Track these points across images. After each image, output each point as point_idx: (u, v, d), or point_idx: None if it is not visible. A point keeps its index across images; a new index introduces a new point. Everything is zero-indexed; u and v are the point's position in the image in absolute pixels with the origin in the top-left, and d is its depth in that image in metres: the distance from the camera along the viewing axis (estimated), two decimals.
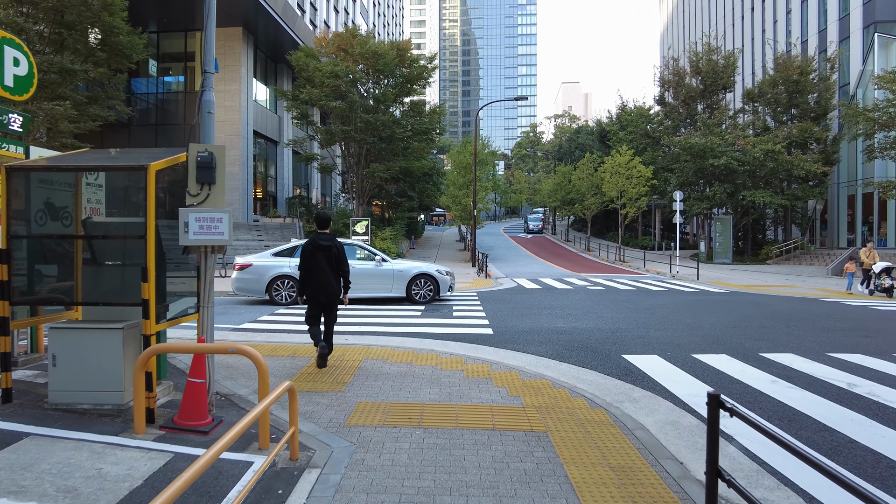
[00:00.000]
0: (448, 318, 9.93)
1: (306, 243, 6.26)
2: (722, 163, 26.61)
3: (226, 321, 9.36)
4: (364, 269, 11.86)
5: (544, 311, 11.00)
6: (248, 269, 11.68)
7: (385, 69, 26.30)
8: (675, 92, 34.72)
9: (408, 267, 12.25)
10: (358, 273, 11.51)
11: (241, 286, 11.75)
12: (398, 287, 11.99)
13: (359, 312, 10.66)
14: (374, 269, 11.94)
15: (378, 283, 11.92)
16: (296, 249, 11.66)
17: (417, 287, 12.09)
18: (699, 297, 14.25)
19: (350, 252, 11.77)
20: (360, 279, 11.55)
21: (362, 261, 12.06)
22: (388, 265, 12.03)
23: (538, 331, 8.78)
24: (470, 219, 29.51)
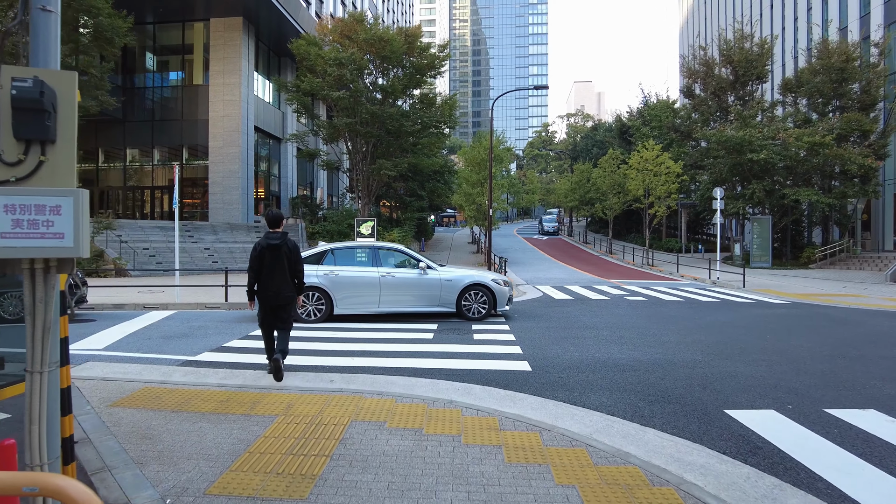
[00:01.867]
0: (468, 345, 7.77)
1: (256, 243, 5.92)
2: (762, 157, 24.23)
3: (183, 348, 7.29)
4: (405, 278, 9.87)
5: (588, 333, 8.81)
6: None
7: (393, 57, 24.23)
8: (703, 83, 32.33)
9: (457, 276, 10.15)
10: (398, 284, 9.79)
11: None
12: (446, 300, 9.96)
13: (354, 334, 8.54)
14: (418, 280, 9.90)
15: (422, 296, 9.90)
16: (324, 255, 9.89)
17: (469, 300, 10.03)
18: (764, 311, 11.97)
19: (386, 257, 10.08)
20: (400, 291, 9.82)
21: (402, 268, 10.04)
22: (434, 274, 10.00)
23: (591, 365, 6.60)
24: (484, 219, 27.35)
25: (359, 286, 9.60)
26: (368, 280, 9.61)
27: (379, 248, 10.07)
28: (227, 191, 29.72)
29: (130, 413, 4.52)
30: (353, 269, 9.72)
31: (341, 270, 9.63)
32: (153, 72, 32.00)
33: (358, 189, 28.07)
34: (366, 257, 9.88)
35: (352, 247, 10.20)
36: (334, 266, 9.68)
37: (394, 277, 9.71)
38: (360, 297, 9.61)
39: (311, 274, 9.47)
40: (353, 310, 9.70)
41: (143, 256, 22.26)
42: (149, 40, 32.02)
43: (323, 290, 9.50)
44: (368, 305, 9.67)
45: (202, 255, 24.33)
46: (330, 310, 9.49)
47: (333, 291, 9.47)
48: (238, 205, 29.64)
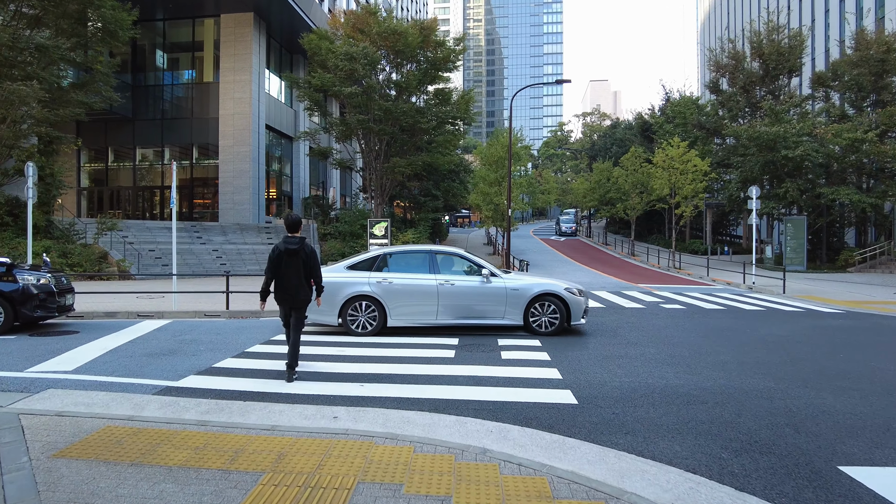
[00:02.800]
0: (496, 366, 6.70)
1: (275, 246, 6.02)
2: (798, 154, 22.80)
3: (167, 369, 6.30)
4: (466, 287, 8.81)
5: (633, 351, 7.69)
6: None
7: (407, 51, 23.22)
8: (731, 78, 30.92)
9: (525, 284, 8.95)
10: (458, 293, 8.76)
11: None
12: (513, 312, 8.77)
13: (365, 350, 7.52)
14: (480, 288, 8.78)
15: (485, 307, 8.79)
16: (377, 261, 8.97)
17: (537, 312, 8.80)
18: (820, 323, 10.74)
19: (445, 264, 9.11)
20: (461, 301, 8.76)
21: (463, 275, 8.97)
22: (498, 282, 8.85)
23: (647, 395, 5.49)
24: (502, 220, 26.25)
25: (414, 295, 8.69)
26: (425, 289, 8.68)
27: (437, 253, 9.14)
28: (237, 191, 28.97)
29: (77, 468, 3.53)
30: (409, 276, 8.80)
31: (395, 278, 8.73)
32: (163, 70, 31.38)
33: (371, 189, 27.12)
34: (423, 263, 9.00)
35: (407, 251, 9.38)
36: (388, 273, 8.81)
37: (453, 286, 8.70)
38: (415, 307, 8.72)
39: (362, 281, 8.66)
40: (409, 321, 8.75)
41: (149, 258, 21.51)
42: (158, 37, 31.43)
43: (375, 299, 8.59)
44: (425, 316, 8.74)
45: (210, 256, 23.54)
46: (383, 321, 8.62)
47: (387, 301, 8.60)
48: (249, 205, 28.88)
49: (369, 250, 9.74)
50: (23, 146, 18.69)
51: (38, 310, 8.52)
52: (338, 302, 8.55)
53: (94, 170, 32.42)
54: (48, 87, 17.25)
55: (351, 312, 8.63)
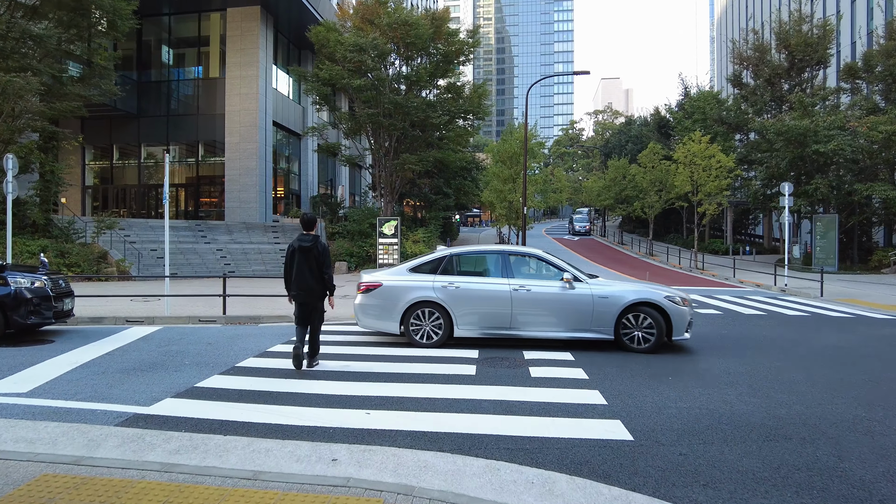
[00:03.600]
0: (526, 387, 5.71)
1: (290, 244, 6.23)
2: (830, 148, 21.56)
3: (141, 390, 5.39)
4: (544, 294, 7.59)
5: (681, 364, 6.66)
6: (374, 291, 7.82)
7: (418, 43, 22.27)
8: (755, 70, 29.66)
9: (616, 291, 7.61)
10: (535, 301, 7.58)
11: (364, 316, 7.94)
12: (600, 323, 7.47)
13: (373, 366, 6.58)
14: (561, 295, 7.55)
15: (566, 317, 7.53)
16: (442, 263, 7.94)
17: (630, 324, 7.45)
18: (878, 331, 9.65)
19: (520, 266, 8.00)
20: (538, 310, 7.59)
21: (541, 280, 7.78)
22: (583, 288, 7.59)
23: (716, 428, 4.49)
24: (516, 218, 25.23)
25: (484, 302, 7.64)
26: (496, 295, 7.61)
27: (511, 254, 8.01)
28: (244, 189, 28.19)
29: None
30: (478, 280, 7.80)
31: (463, 282, 7.72)
32: (168, 66, 30.70)
33: (380, 187, 26.22)
34: (494, 266, 7.95)
35: (476, 252, 8.32)
36: (454, 276, 7.80)
37: (529, 292, 7.56)
38: (486, 315, 7.66)
39: (426, 286, 7.69)
40: (477, 331, 7.68)
41: (151, 258, 20.76)
42: (164, 33, 30.75)
43: (440, 305, 7.61)
44: (497, 327, 7.65)
45: (214, 256, 22.77)
46: (449, 330, 7.65)
47: (453, 308, 7.61)
48: (255, 203, 28.10)
49: (437, 250, 8.47)
50: (21, 142, 17.99)
51: (31, 316, 7.68)
52: (399, 308, 7.64)
53: (99, 168, 31.83)
54: (46, 79, 16.50)
55: (414, 321, 7.68)
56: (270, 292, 12.89)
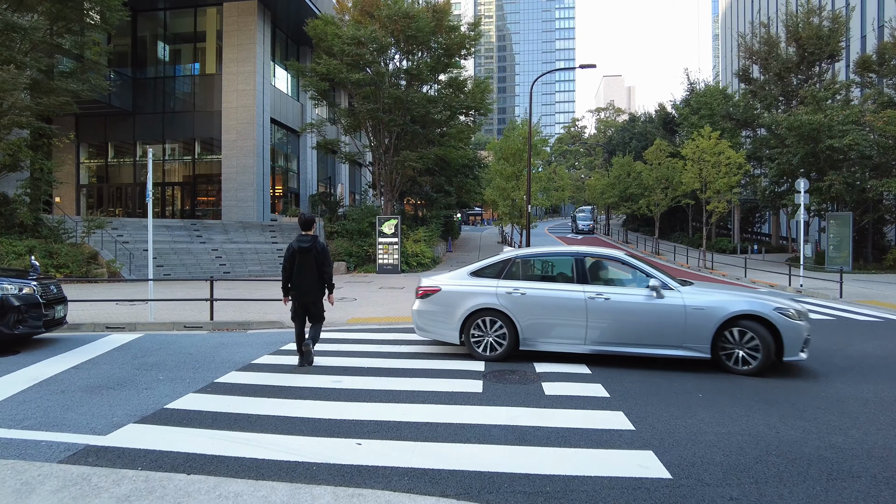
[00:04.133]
0: (540, 408, 5.04)
1: (289, 244, 6.36)
2: (846, 143, 20.85)
3: (101, 413, 4.74)
4: (626, 303, 6.54)
5: (709, 380, 6.00)
6: (432, 296, 7.11)
7: (419, 36, 21.60)
8: (764, 65, 28.92)
9: (715, 301, 6.39)
10: (615, 311, 6.55)
11: (422, 323, 7.23)
12: (694, 339, 6.31)
13: (363, 381, 5.92)
14: (647, 305, 6.47)
15: (653, 331, 6.44)
16: (506, 266, 7.09)
17: (731, 341, 6.27)
18: None
19: (599, 271, 7.10)
20: (619, 321, 6.54)
21: (620, 286, 6.76)
22: (672, 297, 6.45)
23: (765, 460, 3.83)
24: (520, 217, 24.56)
25: (554, 311, 6.71)
26: (569, 303, 6.64)
27: (586, 257, 6.99)
28: (241, 187, 27.55)
29: None
30: (548, 286, 6.87)
31: (530, 288, 6.83)
32: (164, 62, 30.06)
33: (380, 185, 25.56)
34: (566, 270, 7.03)
35: (546, 254, 7.47)
36: (520, 281, 6.94)
37: (608, 301, 6.54)
38: (556, 327, 6.73)
39: (488, 291, 6.85)
40: (547, 344, 6.75)
41: (143, 259, 20.11)
42: (159, 28, 30.11)
43: (504, 314, 6.76)
44: (569, 340, 6.70)
45: (209, 256, 22.13)
46: (514, 342, 6.78)
47: (518, 317, 6.74)
48: (253, 202, 27.46)
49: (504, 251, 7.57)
50: (8, 139, 17.37)
51: (18, 325, 7.02)
52: (458, 316, 6.88)
53: (94, 166, 31.22)
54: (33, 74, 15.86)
55: (475, 330, 6.88)
56: (264, 296, 12.25)
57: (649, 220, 40.42)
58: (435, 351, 7.46)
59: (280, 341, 8.10)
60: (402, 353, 7.33)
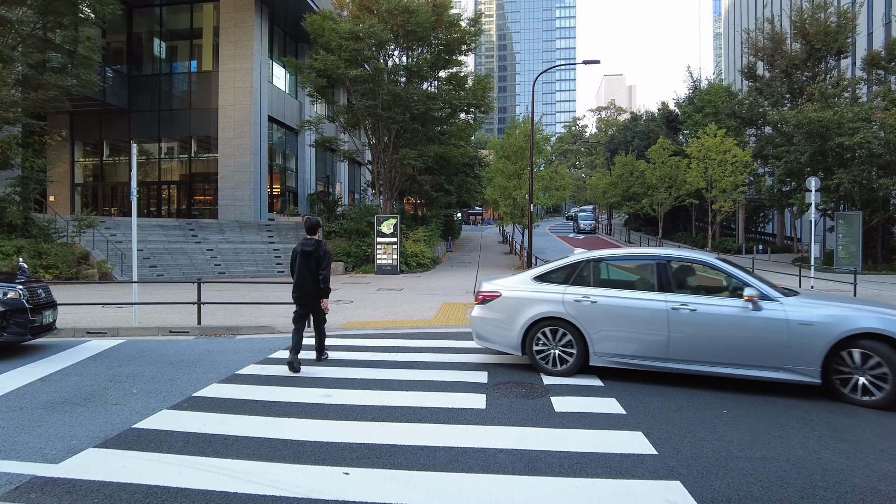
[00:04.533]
0: (550, 426, 4.55)
1: (294, 248, 6.47)
2: (856, 141, 20.34)
3: (60, 436, 4.24)
4: (717, 314, 5.58)
5: (736, 396, 5.52)
6: (491, 302, 6.46)
7: (419, 31, 21.11)
8: (770, 61, 28.42)
9: (827, 315, 5.33)
10: (702, 324, 5.60)
11: (481, 331, 6.56)
12: (799, 360, 5.32)
13: (356, 394, 5.42)
14: (742, 318, 5.50)
15: (748, 350, 5.47)
16: (576, 270, 6.32)
17: (849, 364, 5.22)
18: None
19: (684, 277, 6.21)
20: (707, 336, 5.58)
21: (710, 295, 5.81)
22: (774, 309, 5.45)
23: (810, 493, 3.34)
24: (521, 216, 24.07)
25: (630, 323, 5.88)
26: (647, 314, 5.79)
27: (671, 261, 6.08)
28: (238, 186, 27.08)
29: None
30: (623, 294, 6.01)
31: (602, 295, 6.02)
32: (160, 59, 29.59)
33: (379, 184, 25.07)
34: (646, 275, 6.16)
35: (624, 257, 6.60)
36: (591, 288, 6.14)
37: (694, 313, 5.61)
38: (632, 341, 5.87)
39: (554, 298, 6.13)
40: (620, 360, 5.91)
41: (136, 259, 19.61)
42: (155, 24, 29.65)
43: (571, 324, 6.03)
44: (647, 357, 5.83)
45: (203, 257, 21.64)
46: (583, 356, 6.05)
47: (587, 328, 5.99)
48: (250, 201, 26.99)
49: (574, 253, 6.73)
50: None
51: (3, 332, 6.53)
52: (520, 325, 6.21)
53: (89, 165, 30.76)
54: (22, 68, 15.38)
55: (538, 341, 6.19)
56: (257, 298, 11.78)
57: (651, 219, 39.95)
58: (433, 359, 6.97)
59: (269, 348, 7.62)
60: (398, 361, 6.83)
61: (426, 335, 8.76)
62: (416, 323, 9.76)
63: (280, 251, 23.46)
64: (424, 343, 8.06)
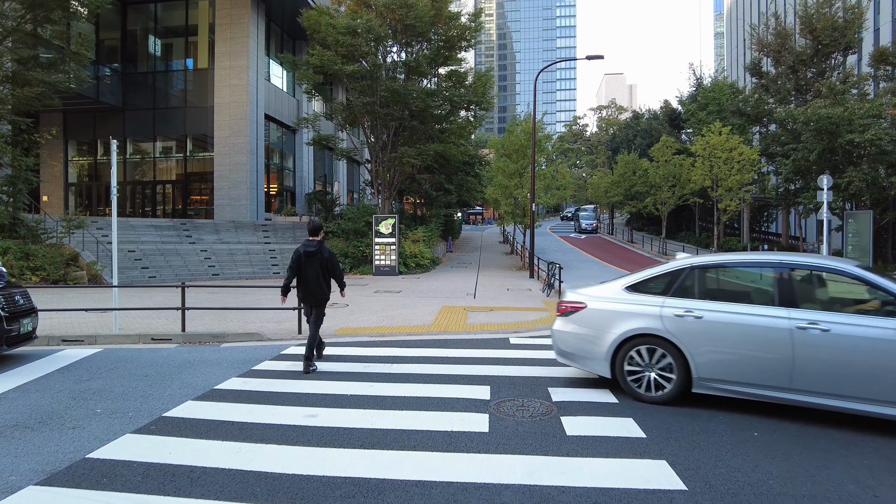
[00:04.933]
0: (563, 454, 4.02)
1: (296, 249, 6.50)
2: (867, 138, 19.81)
3: (9, 464, 3.73)
4: (857, 336, 4.56)
5: (776, 422, 4.99)
6: (575, 315, 5.68)
7: (418, 25, 20.57)
8: (776, 57, 27.88)
9: None
10: (838, 349, 4.58)
11: (563, 347, 5.77)
12: None
13: (349, 415, 4.87)
14: (891, 343, 4.46)
15: None
16: (679, 278, 5.40)
17: None
18: None
19: (809, 287, 5.26)
20: (845, 362, 4.55)
21: (847, 312, 4.79)
22: None
23: None
24: (523, 216, 23.54)
25: (744, 344, 4.90)
26: (766, 333, 4.81)
27: (794, 268, 5.16)
28: (234, 185, 26.56)
29: None
30: (735, 309, 5.01)
31: (709, 309, 5.07)
32: (155, 56, 29.06)
33: (378, 183, 24.54)
34: (765, 286, 5.19)
35: (734, 264, 5.60)
36: (695, 300, 5.21)
37: (826, 333, 4.61)
38: (746, 365, 4.89)
39: (650, 312, 5.27)
40: (731, 387, 4.95)
41: (127, 261, 19.10)
42: (150, 21, 29.13)
43: (671, 343, 5.14)
44: (764, 386, 4.82)
45: (197, 258, 21.12)
46: (685, 381, 5.09)
47: (691, 349, 5.05)
48: (246, 201, 26.46)
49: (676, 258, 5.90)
50: None
51: None
52: (607, 343, 5.39)
53: (83, 164, 30.26)
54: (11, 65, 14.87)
55: (630, 362, 5.33)
56: (247, 303, 11.25)
57: (653, 219, 39.41)
58: (430, 371, 6.44)
59: (255, 358, 7.09)
60: (392, 374, 6.30)
61: (424, 343, 8.24)
62: (414, 329, 9.24)
63: (276, 252, 22.93)
64: (421, 352, 7.54)
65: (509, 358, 7.11)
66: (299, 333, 8.56)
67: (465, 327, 9.39)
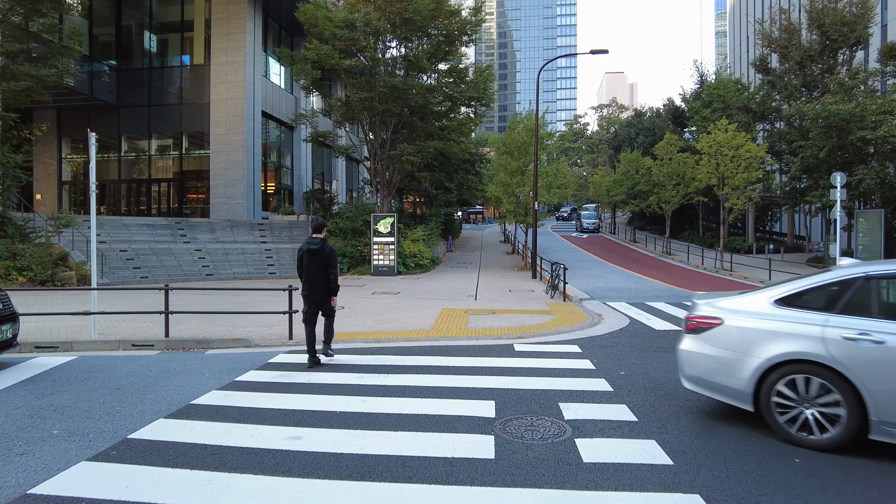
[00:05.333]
0: (577, 489, 3.50)
1: (300, 247, 6.62)
2: (880, 135, 19.28)
3: None
4: None
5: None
6: (710, 332, 4.75)
7: (417, 19, 20.04)
8: (783, 53, 27.31)
9: None
10: None
11: (693, 370, 4.84)
12: None
13: (336, 437, 4.34)
14: None
15: None
16: (847, 290, 4.28)
17: None
18: None
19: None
20: None
21: None
22: None
23: None
24: (525, 215, 23.01)
25: None
26: None
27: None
28: (230, 183, 26.04)
29: None
30: None
31: (891, 332, 3.96)
32: (150, 52, 28.53)
33: (377, 181, 24.00)
34: None
35: None
36: (871, 320, 4.09)
37: None
38: None
39: (808, 332, 4.24)
40: None
41: (119, 261, 18.60)
42: (145, 17, 28.60)
43: (837, 372, 4.09)
44: None
45: (191, 258, 20.60)
46: (859, 424, 4.00)
47: (867, 382, 3.95)
48: (243, 199, 25.95)
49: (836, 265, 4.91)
50: None
51: None
52: (751, 369, 4.41)
53: (77, 161, 29.74)
54: None
55: (781, 395, 4.31)
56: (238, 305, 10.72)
57: (656, 218, 38.88)
58: (429, 383, 5.92)
59: (240, 367, 6.57)
60: (387, 386, 5.78)
61: (422, 350, 7.72)
62: (412, 334, 8.71)
63: (272, 251, 22.41)
64: (419, 360, 7.02)
65: (514, 367, 6.59)
66: (290, 339, 8.04)
67: (466, 332, 8.88)
